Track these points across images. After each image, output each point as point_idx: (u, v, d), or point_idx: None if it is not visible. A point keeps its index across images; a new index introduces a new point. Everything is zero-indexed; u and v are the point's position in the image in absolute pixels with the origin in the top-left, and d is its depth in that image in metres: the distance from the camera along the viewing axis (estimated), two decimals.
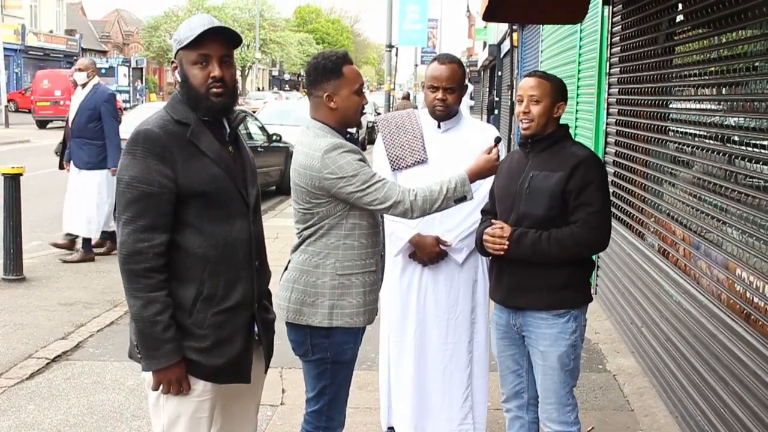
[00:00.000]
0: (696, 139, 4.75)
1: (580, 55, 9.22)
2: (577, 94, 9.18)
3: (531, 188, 3.50)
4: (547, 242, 3.41)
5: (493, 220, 3.60)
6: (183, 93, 2.83)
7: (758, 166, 3.76)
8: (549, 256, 3.42)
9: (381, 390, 4.40)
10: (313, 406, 3.44)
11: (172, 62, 2.88)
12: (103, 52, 56.80)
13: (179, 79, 2.83)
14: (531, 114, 3.51)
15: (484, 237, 3.55)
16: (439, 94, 3.99)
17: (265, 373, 3.15)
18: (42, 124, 33.72)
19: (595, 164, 3.52)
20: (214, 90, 2.79)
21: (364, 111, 3.50)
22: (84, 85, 8.85)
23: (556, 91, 3.54)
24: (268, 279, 3.10)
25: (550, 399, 3.58)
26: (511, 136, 18.16)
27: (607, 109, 7.22)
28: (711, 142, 4.44)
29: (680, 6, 5.25)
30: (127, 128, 11.15)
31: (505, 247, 3.46)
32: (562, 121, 3.64)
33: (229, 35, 2.83)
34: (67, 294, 7.61)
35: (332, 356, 3.36)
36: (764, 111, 3.76)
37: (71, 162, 9.07)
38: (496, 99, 25.50)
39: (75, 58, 49.04)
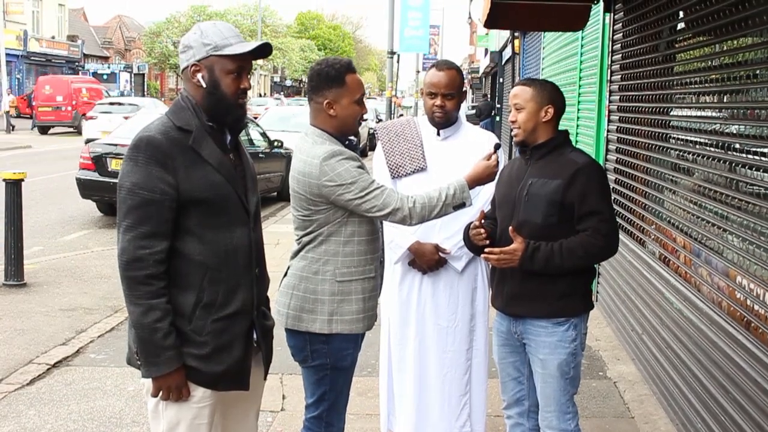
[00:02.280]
0: (697, 146, 4.75)
1: (581, 62, 9.23)
2: (579, 102, 9.19)
3: (530, 195, 3.50)
4: (559, 255, 3.39)
5: (474, 222, 3.59)
6: (209, 99, 2.79)
7: (759, 173, 3.76)
8: (563, 268, 3.42)
9: (381, 396, 4.40)
10: (313, 412, 3.45)
11: (194, 65, 2.79)
12: (105, 58, 56.85)
13: (204, 84, 2.78)
14: (517, 122, 3.54)
15: (489, 255, 3.48)
16: (438, 101, 3.99)
17: (265, 379, 3.15)
18: (43, 129, 33.77)
19: (595, 171, 3.51)
20: (241, 101, 2.85)
21: (365, 119, 3.51)
22: None
23: (540, 95, 3.53)
24: (267, 285, 3.10)
25: (550, 406, 3.58)
26: (512, 144, 18.17)
27: (608, 116, 7.22)
28: (712, 149, 4.44)
29: (681, 14, 5.26)
30: (127, 135, 11.20)
31: (515, 263, 3.45)
32: (562, 127, 3.64)
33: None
34: (67, 300, 7.61)
35: (332, 362, 3.36)
36: (766, 118, 3.76)
37: None
38: (497, 105, 25.51)
39: (77, 63, 49.21)
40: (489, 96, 32.82)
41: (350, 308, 3.34)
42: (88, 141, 20.16)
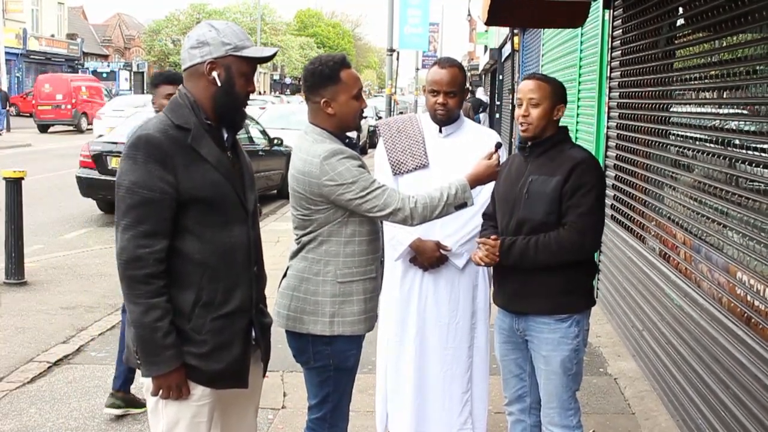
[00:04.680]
0: (697, 142, 4.75)
1: (580, 58, 9.23)
2: (578, 98, 9.19)
3: (529, 193, 3.49)
4: (534, 249, 3.40)
5: (479, 240, 3.60)
6: (222, 97, 2.80)
7: (759, 169, 3.76)
8: (538, 262, 3.42)
9: (377, 395, 4.39)
10: (316, 413, 3.42)
11: (211, 63, 2.77)
12: (105, 56, 56.81)
13: (220, 82, 2.78)
14: (530, 117, 3.50)
15: (475, 252, 3.54)
16: (440, 99, 3.99)
17: (264, 376, 3.16)
18: (43, 128, 33.77)
19: (591, 167, 3.49)
20: (247, 101, 2.90)
21: (365, 115, 3.49)
22: None
23: (555, 93, 3.52)
24: (265, 283, 3.10)
25: (552, 403, 3.58)
26: (512, 140, 18.16)
27: (608, 112, 7.22)
28: (712, 145, 4.44)
29: (680, 10, 5.26)
30: (127, 133, 11.19)
31: (496, 258, 3.46)
32: (562, 124, 3.64)
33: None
34: (68, 298, 7.61)
35: (335, 363, 3.34)
36: (765, 114, 3.76)
37: None
38: (497, 102, 25.49)
39: (76, 62, 49.17)
40: (476, 93, 32.91)
41: (351, 309, 3.31)
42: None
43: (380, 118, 26.87)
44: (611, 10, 7.13)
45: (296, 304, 3.31)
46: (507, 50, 22.52)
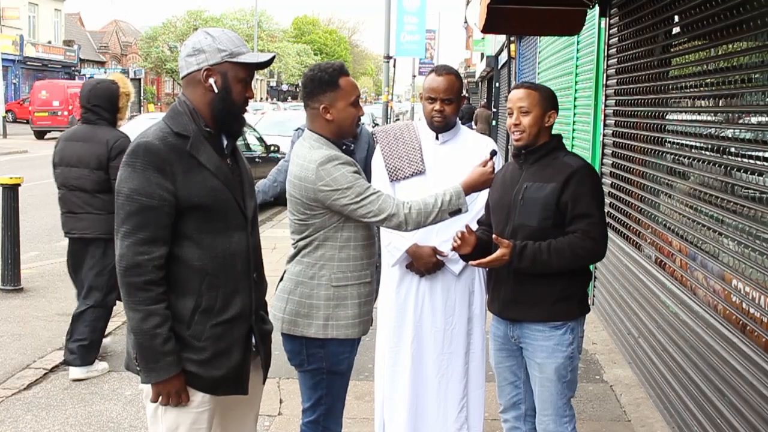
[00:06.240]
0: (693, 150, 4.77)
1: (577, 66, 9.25)
2: (575, 106, 9.20)
3: (525, 199, 3.50)
4: (547, 253, 3.40)
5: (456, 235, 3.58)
6: (219, 104, 2.81)
7: (755, 177, 3.77)
8: (550, 266, 3.42)
9: (376, 401, 4.39)
10: (310, 416, 3.45)
11: (208, 70, 2.78)
12: (102, 63, 56.84)
13: (216, 89, 2.80)
14: (522, 125, 3.52)
15: (481, 261, 3.52)
16: (437, 106, 4.00)
17: (263, 383, 3.16)
18: (40, 134, 33.76)
19: (588, 174, 3.51)
20: (245, 107, 2.90)
21: (361, 122, 3.52)
22: None
23: (545, 100, 3.54)
24: (265, 290, 3.11)
25: (547, 410, 3.58)
26: (509, 148, 18.18)
27: (604, 120, 7.24)
28: (708, 153, 4.46)
29: (677, 18, 5.28)
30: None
31: (505, 259, 3.45)
32: (557, 131, 3.66)
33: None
34: (64, 304, 7.59)
35: (328, 366, 3.37)
36: (761, 122, 3.78)
37: None
38: (494, 110, 25.54)
39: (73, 68, 49.18)
40: (470, 100, 33.07)
41: (345, 313, 3.35)
42: None
43: (377, 125, 26.92)
44: (607, 18, 7.16)
45: (291, 307, 3.35)
46: (503, 58, 22.57)
